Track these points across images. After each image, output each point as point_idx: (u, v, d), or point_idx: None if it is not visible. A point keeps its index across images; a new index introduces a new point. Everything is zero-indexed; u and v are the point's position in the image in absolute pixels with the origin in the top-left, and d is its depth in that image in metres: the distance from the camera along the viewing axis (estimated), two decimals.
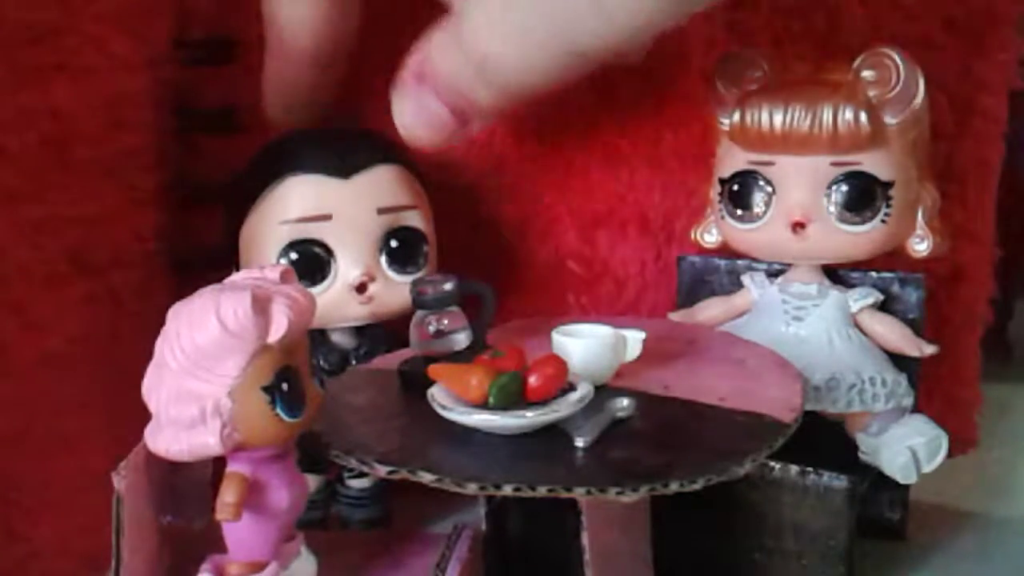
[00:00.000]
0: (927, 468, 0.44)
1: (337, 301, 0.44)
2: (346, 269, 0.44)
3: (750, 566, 0.44)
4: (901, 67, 0.43)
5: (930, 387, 0.48)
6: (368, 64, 0.46)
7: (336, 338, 0.46)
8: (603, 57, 0.39)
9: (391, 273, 0.45)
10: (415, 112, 0.42)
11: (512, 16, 0.37)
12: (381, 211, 0.45)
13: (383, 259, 0.45)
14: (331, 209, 0.44)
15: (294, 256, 0.44)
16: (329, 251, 0.44)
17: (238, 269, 0.45)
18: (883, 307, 0.46)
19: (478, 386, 0.33)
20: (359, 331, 0.46)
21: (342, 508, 0.48)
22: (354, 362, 0.46)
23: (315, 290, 0.44)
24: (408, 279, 0.44)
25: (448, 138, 0.42)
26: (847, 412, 0.44)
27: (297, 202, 0.44)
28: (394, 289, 0.45)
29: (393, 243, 0.45)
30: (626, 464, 0.32)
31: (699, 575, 0.44)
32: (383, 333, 0.46)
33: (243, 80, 0.48)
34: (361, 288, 0.44)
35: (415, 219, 0.46)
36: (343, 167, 0.44)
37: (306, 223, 0.44)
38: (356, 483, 0.48)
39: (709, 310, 0.49)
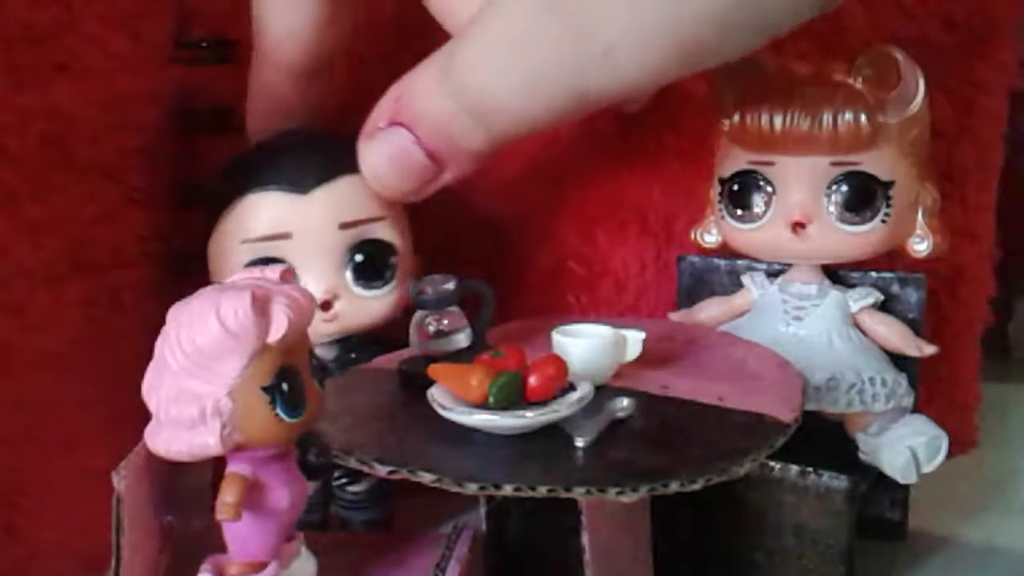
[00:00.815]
0: (927, 468, 0.44)
1: None
2: (310, 287, 0.43)
3: (750, 566, 0.44)
4: (901, 67, 0.43)
5: (930, 387, 0.48)
6: (370, 73, 0.46)
7: (319, 352, 0.46)
8: (608, 104, 0.38)
9: (357, 289, 0.44)
10: (389, 157, 0.41)
11: (520, 61, 0.37)
12: (343, 226, 0.43)
13: (348, 274, 0.44)
14: (290, 227, 0.43)
15: None
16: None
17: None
18: (883, 307, 0.46)
19: (478, 386, 0.33)
20: (339, 342, 0.46)
21: (341, 511, 0.48)
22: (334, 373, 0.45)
23: None
24: (376, 293, 0.44)
25: (420, 187, 0.41)
26: (847, 412, 0.44)
27: (257, 220, 0.43)
28: (360, 305, 0.44)
29: (358, 257, 0.44)
30: (626, 464, 0.32)
31: (699, 575, 0.44)
32: (368, 339, 0.46)
33: (243, 80, 0.48)
34: (325, 306, 0.43)
35: (382, 230, 0.44)
36: (302, 181, 0.43)
37: (266, 242, 0.43)
38: (353, 487, 0.48)
39: (709, 310, 0.49)
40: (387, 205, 0.45)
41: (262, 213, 0.43)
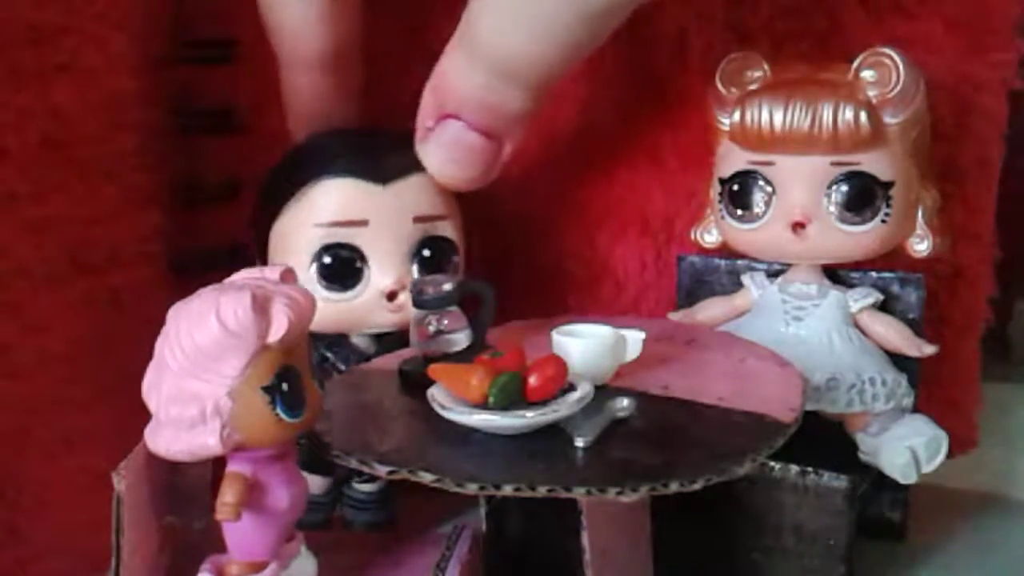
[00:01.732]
0: (927, 468, 0.44)
1: (367, 307, 0.44)
2: (379, 276, 0.44)
3: (750, 566, 0.44)
4: (901, 67, 0.43)
5: (930, 387, 0.48)
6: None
7: (357, 342, 0.46)
8: (616, 19, 0.39)
9: None
10: (447, 150, 0.42)
11: (525, 9, 0.38)
12: (417, 220, 0.44)
13: (414, 268, 0.45)
14: (368, 215, 0.43)
15: (327, 260, 0.43)
16: (363, 257, 0.44)
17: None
18: (883, 307, 0.46)
19: (478, 386, 0.33)
20: (379, 337, 0.46)
21: (347, 511, 0.48)
22: None
23: (346, 295, 0.44)
24: None
25: (487, 169, 0.43)
26: (847, 412, 0.44)
27: (333, 205, 0.43)
28: None
29: (425, 252, 0.45)
30: (626, 464, 0.32)
31: (699, 575, 0.44)
32: (402, 338, 0.46)
33: (243, 80, 0.48)
34: (392, 296, 0.44)
35: (447, 229, 0.46)
36: (381, 173, 0.44)
37: (341, 227, 0.43)
38: (364, 487, 0.48)
39: (709, 310, 0.49)
40: (451, 205, 0.46)
41: (340, 199, 0.43)
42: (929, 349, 0.45)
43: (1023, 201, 0.56)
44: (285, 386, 0.31)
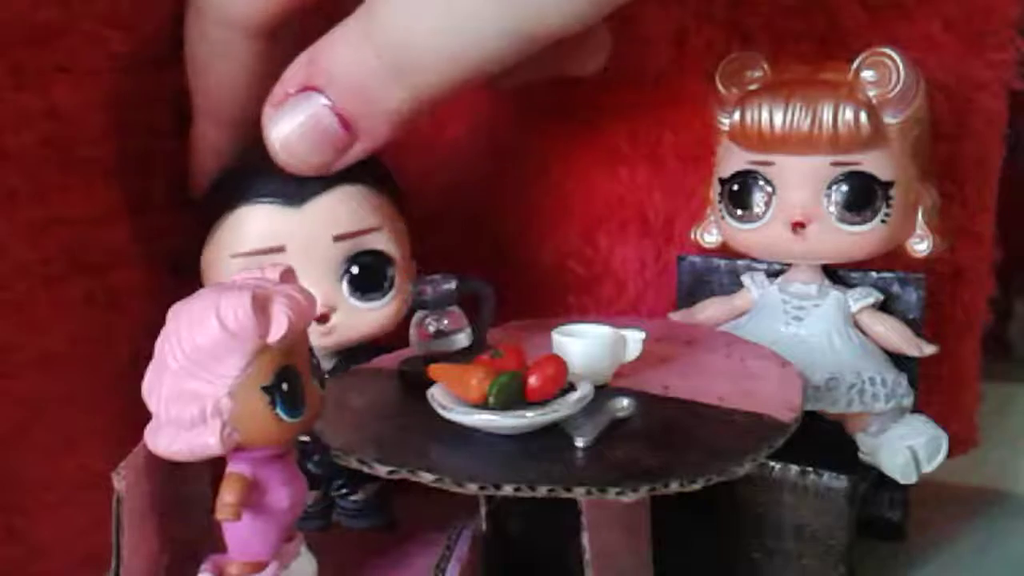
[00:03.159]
0: (927, 468, 0.44)
1: None
2: None
3: (750, 566, 0.44)
4: (901, 67, 0.43)
5: (930, 387, 0.48)
6: None
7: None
8: (547, 41, 0.36)
9: (354, 301, 0.43)
10: (299, 124, 0.39)
11: (442, 3, 0.35)
12: (338, 238, 0.42)
13: (344, 287, 0.43)
14: (283, 241, 0.42)
15: None
16: None
17: None
18: (883, 307, 0.46)
19: (478, 386, 0.33)
20: (336, 352, 0.45)
21: (342, 519, 0.48)
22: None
23: None
24: (373, 305, 0.43)
25: (331, 159, 0.40)
26: (847, 412, 0.44)
27: (248, 234, 0.42)
28: (357, 317, 0.43)
29: (354, 270, 0.43)
30: (626, 464, 0.32)
31: (699, 575, 0.44)
32: (355, 351, 0.45)
33: None
34: (322, 319, 0.43)
35: (379, 241, 0.44)
36: (295, 194, 0.42)
37: (259, 255, 0.42)
38: (352, 496, 0.47)
39: (709, 310, 0.49)
40: (383, 215, 0.44)
41: (254, 227, 0.42)
42: (929, 349, 0.45)
43: (1023, 201, 0.56)
44: (285, 386, 0.31)
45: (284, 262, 0.41)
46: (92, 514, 0.34)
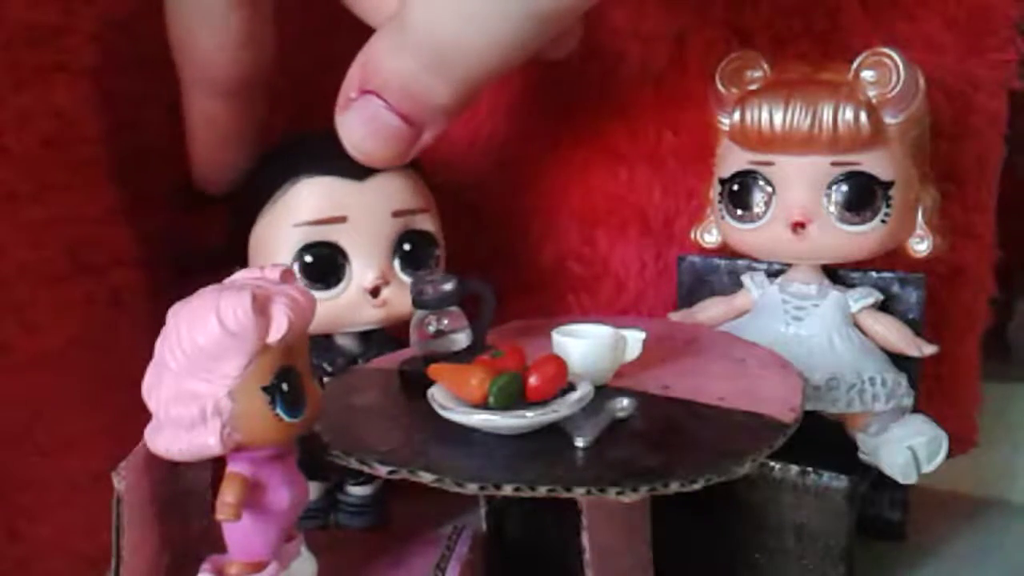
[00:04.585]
0: (927, 468, 0.44)
1: (351, 304, 0.44)
2: (361, 272, 0.44)
3: (750, 566, 0.44)
4: (901, 67, 0.43)
5: (930, 387, 0.48)
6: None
7: (342, 342, 0.46)
8: (563, 20, 0.38)
9: (404, 276, 0.45)
10: (365, 126, 0.41)
11: (464, 2, 0.37)
12: (395, 214, 0.44)
13: (396, 262, 0.45)
14: (346, 211, 0.44)
15: (308, 259, 0.43)
16: (343, 254, 0.44)
17: None
18: (883, 307, 0.46)
19: (478, 386, 0.33)
20: (365, 336, 0.46)
21: (342, 516, 0.48)
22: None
23: (329, 293, 0.44)
24: None
25: (404, 150, 0.42)
26: (847, 412, 0.44)
27: (312, 204, 0.43)
28: (407, 293, 0.44)
29: (406, 246, 0.45)
30: (626, 464, 0.32)
31: (699, 575, 0.44)
32: (389, 337, 0.46)
33: None
34: (375, 292, 0.44)
35: (426, 222, 0.46)
36: (358, 169, 0.43)
37: (321, 225, 0.43)
38: (358, 490, 0.48)
39: (709, 310, 0.49)
40: (429, 199, 0.46)
41: (317, 197, 0.43)
42: (929, 349, 0.45)
43: (1023, 201, 0.56)
44: (285, 386, 0.31)
45: (343, 234, 0.43)
46: (92, 514, 0.34)
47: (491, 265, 0.54)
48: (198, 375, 0.30)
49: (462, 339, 0.40)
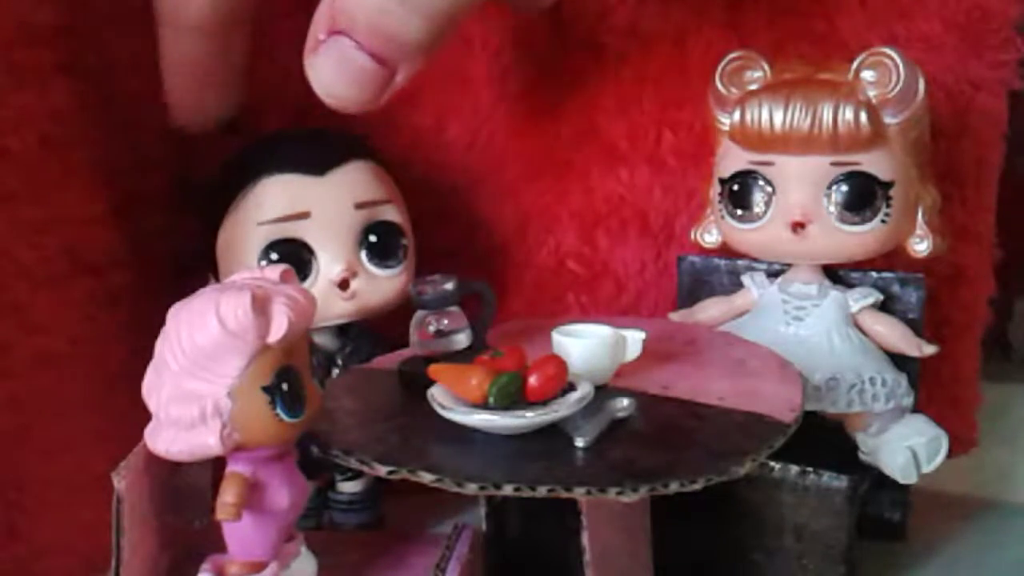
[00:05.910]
0: (927, 468, 0.44)
1: (321, 299, 0.44)
2: (327, 266, 0.44)
3: (750, 566, 0.44)
4: (901, 67, 0.43)
5: (930, 387, 0.48)
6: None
7: (319, 340, 0.46)
8: None
9: (372, 268, 0.45)
10: (335, 68, 0.39)
11: None
12: (358, 206, 0.45)
13: (363, 254, 0.45)
14: (308, 206, 0.44)
15: (275, 256, 0.43)
16: (309, 249, 0.44)
17: (215, 275, 0.45)
18: (883, 307, 0.46)
19: (478, 386, 0.33)
20: (341, 331, 0.46)
21: (335, 514, 0.48)
22: (340, 363, 0.46)
23: None
24: (389, 273, 0.45)
25: (376, 93, 0.40)
26: (847, 412, 0.44)
27: (274, 202, 0.44)
28: (376, 284, 0.45)
29: (372, 238, 0.45)
30: (626, 464, 0.32)
31: (699, 575, 0.44)
32: (366, 332, 0.46)
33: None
34: (344, 284, 0.44)
35: (391, 213, 0.46)
36: (318, 164, 0.44)
37: (284, 222, 0.44)
38: (348, 487, 0.48)
39: (709, 310, 0.49)
40: (393, 191, 0.46)
41: (279, 195, 0.44)
42: (929, 349, 0.45)
43: (1023, 201, 0.56)
44: (285, 386, 0.31)
45: (307, 230, 0.44)
46: (92, 514, 0.34)
47: (491, 265, 0.54)
48: (198, 375, 0.30)
49: (462, 339, 0.40)
